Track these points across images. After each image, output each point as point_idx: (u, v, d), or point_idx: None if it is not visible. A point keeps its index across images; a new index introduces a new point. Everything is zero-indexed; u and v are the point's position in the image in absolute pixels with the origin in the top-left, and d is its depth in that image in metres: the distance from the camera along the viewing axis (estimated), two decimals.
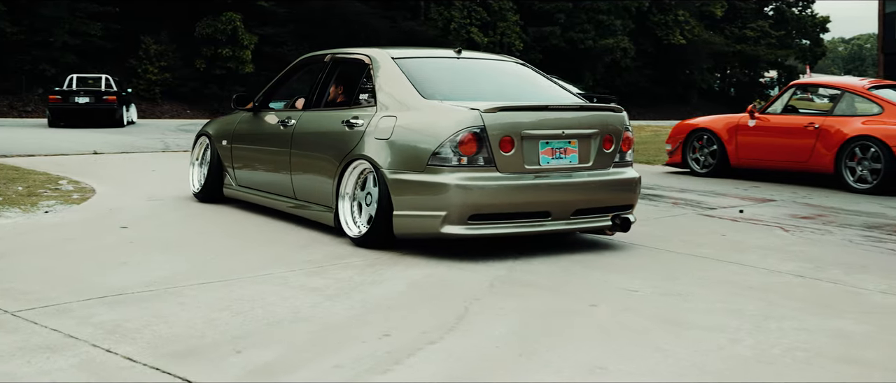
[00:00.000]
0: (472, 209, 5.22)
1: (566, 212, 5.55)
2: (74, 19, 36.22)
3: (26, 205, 6.87)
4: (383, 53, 6.15)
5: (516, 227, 5.41)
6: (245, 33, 40.27)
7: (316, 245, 5.58)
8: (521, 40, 51.65)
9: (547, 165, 5.50)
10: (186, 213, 6.94)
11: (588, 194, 5.68)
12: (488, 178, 5.26)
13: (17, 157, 11.27)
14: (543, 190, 5.45)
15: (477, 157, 5.26)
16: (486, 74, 6.43)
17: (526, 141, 5.40)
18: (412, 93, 5.68)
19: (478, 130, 5.24)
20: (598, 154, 5.73)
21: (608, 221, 5.75)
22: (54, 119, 22.80)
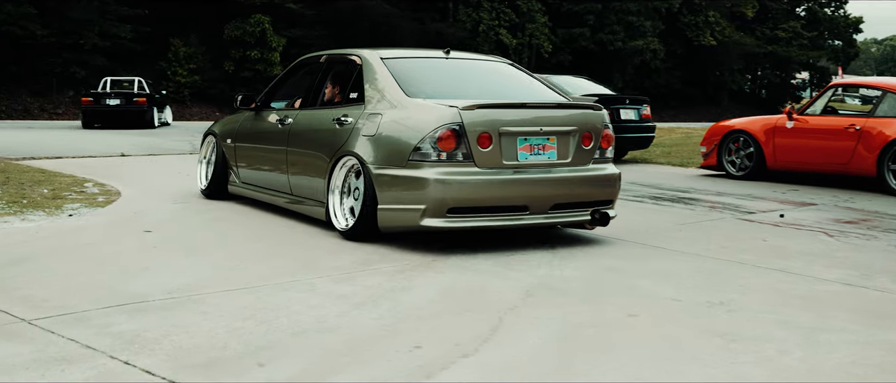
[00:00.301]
0: (451, 203, 5.41)
1: (544, 207, 5.74)
2: (104, 22, 36.42)
3: (51, 208, 6.77)
4: (373, 54, 6.40)
5: (495, 221, 5.59)
6: (273, 35, 40.33)
7: (344, 250, 5.42)
8: (549, 42, 51.38)
9: (525, 161, 5.68)
10: (212, 216, 6.81)
11: (566, 189, 5.84)
12: (466, 173, 5.47)
13: (45, 159, 11.22)
14: (521, 185, 5.64)
15: (456, 153, 5.46)
16: (472, 74, 6.64)
17: (504, 137, 5.59)
18: (397, 91, 5.91)
19: (456, 127, 5.44)
20: (577, 150, 5.90)
21: (588, 216, 5.91)
22: (88, 120, 23.41)
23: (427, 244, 5.69)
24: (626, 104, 13.04)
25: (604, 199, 6.04)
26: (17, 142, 14.76)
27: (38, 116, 33.40)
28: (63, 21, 35.54)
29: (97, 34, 35.62)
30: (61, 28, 35.26)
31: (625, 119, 12.91)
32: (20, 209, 6.65)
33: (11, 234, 5.70)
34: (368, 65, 6.28)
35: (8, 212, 6.52)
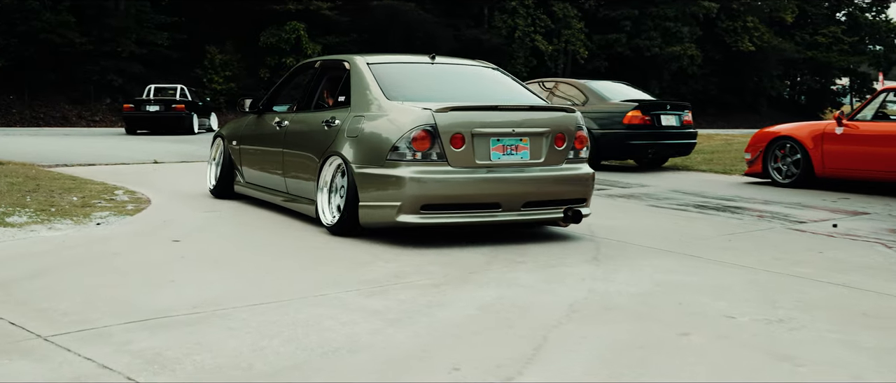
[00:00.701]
0: (424, 200, 5.72)
1: (516, 205, 6.00)
2: (141, 29, 36.62)
3: (79, 217, 6.61)
4: (361, 59, 6.73)
5: (467, 217, 5.90)
6: (309, 42, 40.32)
7: (377, 262, 5.19)
8: (585, 48, 50.98)
9: (498, 161, 5.95)
10: (243, 226, 6.61)
11: (538, 188, 6.10)
12: (440, 172, 5.77)
13: (77, 166, 11.13)
14: (493, 183, 5.91)
15: (430, 153, 5.76)
16: (455, 79, 6.96)
17: (477, 138, 5.86)
18: (379, 94, 6.24)
19: (429, 128, 5.74)
20: (550, 151, 6.16)
21: (561, 213, 6.16)
22: (130, 126, 24.59)
23: (465, 256, 5.45)
24: (667, 110, 12.71)
25: (577, 198, 6.30)
26: (51, 148, 14.73)
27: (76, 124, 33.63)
28: (101, 29, 35.79)
29: (134, 42, 35.82)
30: (99, 36, 35.51)
31: (666, 125, 12.59)
32: (48, 217, 6.50)
33: (36, 244, 5.54)
34: (355, 69, 6.61)
35: (35, 220, 6.36)
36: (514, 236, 6.29)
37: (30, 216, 6.52)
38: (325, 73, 7.32)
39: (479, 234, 6.31)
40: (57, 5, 34.92)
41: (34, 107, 34.36)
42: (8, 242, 5.56)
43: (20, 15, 33.69)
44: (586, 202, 6.39)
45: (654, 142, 12.52)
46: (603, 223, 7.01)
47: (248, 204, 7.73)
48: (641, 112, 12.23)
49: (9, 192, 7.75)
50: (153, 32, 36.99)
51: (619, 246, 5.98)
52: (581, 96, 12.90)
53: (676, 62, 53.42)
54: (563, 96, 13.16)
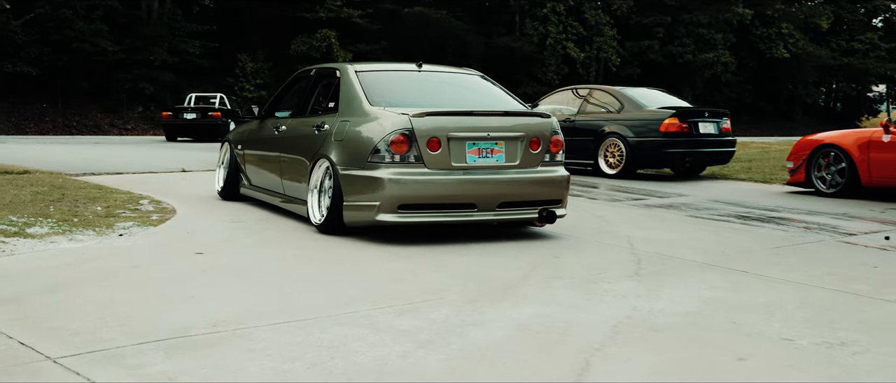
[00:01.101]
0: (401, 200, 6.02)
1: (491, 205, 6.29)
2: (173, 38, 36.75)
3: (101, 227, 6.43)
4: (350, 67, 7.07)
5: (443, 216, 6.19)
6: (340, 50, 40.27)
7: (410, 278, 4.94)
8: (617, 55, 50.57)
9: (474, 163, 6.25)
10: (269, 237, 6.40)
11: (513, 189, 6.38)
12: (416, 174, 6.07)
13: (105, 175, 11.00)
14: (469, 184, 6.20)
15: (408, 155, 6.08)
16: (439, 85, 7.23)
17: (452, 141, 6.18)
18: (362, 100, 6.57)
19: (407, 132, 6.07)
20: (525, 154, 6.45)
21: (535, 214, 6.46)
22: (170, 133, 25.82)
23: (500, 270, 5.20)
24: (705, 117, 12.38)
25: (552, 199, 6.58)
26: (82, 157, 14.65)
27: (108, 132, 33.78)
28: (133, 37, 35.96)
29: (166, 50, 35.95)
30: (131, 44, 35.68)
31: (704, 133, 12.26)
32: (70, 228, 6.33)
33: (56, 256, 5.35)
34: (345, 77, 6.95)
35: (57, 231, 6.19)
36: (551, 248, 6.02)
37: (51, 227, 6.34)
38: (319, 80, 7.67)
39: (513, 247, 6.06)
40: (90, 14, 35.12)
41: (67, 116, 34.55)
42: (26, 254, 5.38)
43: (53, 24, 33.92)
44: (562, 203, 6.67)
45: (692, 151, 12.20)
46: (642, 235, 6.73)
47: (275, 213, 7.53)
48: (679, 119, 11.92)
49: (32, 202, 7.60)
50: (185, 41, 37.10)
51: (661, 259, 5.70)
52: (616, 103, 12.60)
53: (710, 69, 52.85)
54: (598, 103, 12.88)
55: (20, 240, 5.77)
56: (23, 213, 6.88)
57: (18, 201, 7.59)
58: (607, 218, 7.79)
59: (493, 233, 6.76)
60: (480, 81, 7.43)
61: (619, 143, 12.18)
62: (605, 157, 12.40)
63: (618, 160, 12.22)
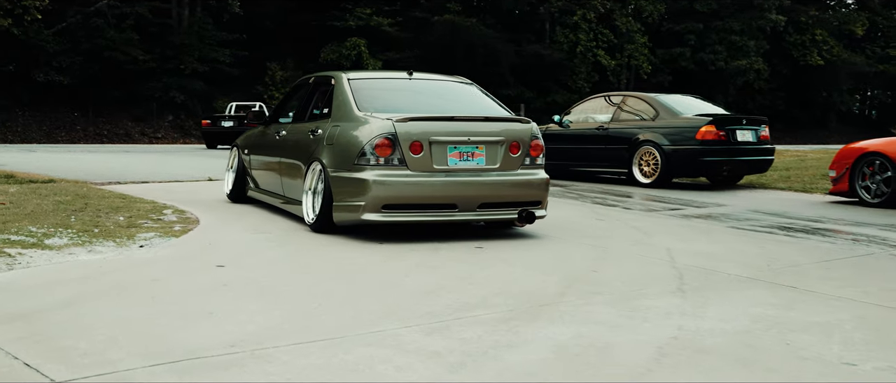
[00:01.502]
0: (384, 200, 6.35)
1: (472, 205, 6.60)
2: (203, 46, 36.82)
3: (122, 238, 6.24)
4: (343, 75, 7.37)
5: (425, 216, 6.53)
6: (369, 58, 40.19)
7: (440, 292, 4.69)
8: (648, 62, 50.14)
9: (455, 166, 6.56)
10: (293, 248, 6.17)
11: (493, 191, 6.68)
12: (400, 176, 6.39)
13: (131, 184, 10.86)
14: (449, 186, 6.50)
15: (391, 158, 6.40)
16: (426, 92, 7.51)
17: (434, 145, 6.49)
18: (352, 107, 6.89)
19: (390, 136, 6.40)
20: (505, 157, 6.75)
21: (515, 214, 6.78)
22: (210, 141, 27.01)
23: (535, 285, 4.94)
24: (742, 125, 12.04)
25: (532, 200, 6.88)
26: (109, 165, 14.55)
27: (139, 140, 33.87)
28: (164, 46, 36.08)
29: (196, 59, 36.03)
30: (162, 53, 35.80)
31: (741, 141, 11.92)
32: (89, 239, 6.14)
33: (72, 269, 5.15)
34: (338, 84, 7.28)
35: (76, 242, 6.00)
36: (588, 261, 5.75)
37: (71, 237, 6.16)
38: (317, 87, 7.93)
39: (547, 259, 5.79)
40: (121, 23, 35.27)
41: (98, 125, 34.68)
42: (43, 267, 5.19)
43: (85, 33, 34.10)
44: (541, 204, 6.97)
45: (729, 159, 11.86)
46: (682, 247, 6.44)
47: (300, 223, 7.31)
48: (715, 127, 11.59)
49: (54, 211, 7.43)
50: (215, 49, 37.18)
51: (704, 273, 5.40)
52: (651, 111, 12.30)
53: (742, 76, 52.27)
54: (632, 111, 12.58)
55: (37, 252, 5.58)
56: (43, 223, 6.71)
57: (40, 211, 7.43)
58: (645, 229, 7.50)
59: (525, 244, 6.50)
60: (468, 89, 7.75)
61: (654, 152, 11.87)
62: (639, 166, 12.09)
63: (653, 169, 11.91)
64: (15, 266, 5.16)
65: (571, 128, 13.34)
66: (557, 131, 13.52)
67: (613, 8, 49.36)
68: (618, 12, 49.64)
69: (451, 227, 7.32)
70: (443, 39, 43.65)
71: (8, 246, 5.72)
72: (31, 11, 30.84)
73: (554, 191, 11.16)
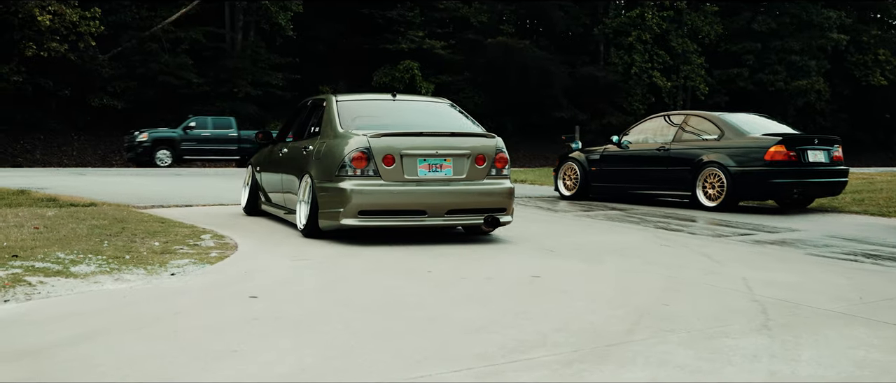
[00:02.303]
0: (360, 207, 7.09)
1: (440, 212, 7.30)
2: (256, 70, 36.87)
3: (154, 265, 5.84)
4: (333, 97, 8.17)
5: (397, 221, 7.25)
6: (422, 81, 39.93)
7: (493, 328, 4.18)
8: (705, 83, 49.19)
9: (424, 176, 7.29)
10: (335, 276, 5.71)
11: (460, 198, 7.38)
12: (374, 185, 7.14)
13: (173, 207, 10.53)
14: (419, 194, 7.22)
15: (367, 169, 7.16)
16: (406, 111, 8.17)
17: (405, 158, 7.23)
18: (336, 125, 7.68)
19: (365, 150, 7.16)
20: (471, 169, 7.45)
21: (481, 220, 7.46)
22: None
23: (599, 320, 4.41)
24: (814, 144, 11.36)
25: (497, 207, 7.56)
26: (154, 189, 14.30)
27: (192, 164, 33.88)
28: (218, 70, 36.19)
29: (249, 83, 36.05)
30: (216, 77, 35.90)
31: (813, 161, 11.23)
32: (119, 266, 5.76)
33: (94, 300, 4.75)
34: (328, 105, 8.06)
35: (104, 269, 5.62)
36: (657, 292, 5.20)
37: (100, 264, 5.78)
38: (314, 108, 8.64)
39: (611, 290, 5.26)
40: (175, 48, 35.46)
41: None
42: (63, 297, 4.80)
43: (140, 58, 34.32)
44: (506, 211, 7.62)
45: (801, 181, 11.17)
46: (759, 276, 5.85)
47: (347, 250, 6.87)
48: (785, 147, 10.93)
49: (87, 236, 7.08)
50: (268, 73, 37.20)
51: (790, 308, 4.82)
52: (715, 130, 11.68)
53: (803, 97, 51.03)
54: (695, 131, 11.97)
55: (60, 280, 5.20)
56: (73, 249, 6.34)
57: (73, 236, 7.09)
58: (715, 256, 6.91)
59: (585, 272, 5.97)
60: (446, 108, 8.48)
61: (719, 173, 11.24)
62: (703, 188, 11.47)
63: (718, 191, 11.28)
64: (33, 296, 4.78)
65: (631, 148, 12.76)
66: (615, 152, 12.95)
67: (669, 29, 48.55)
68: (673, 33, 48.80)
69: (509, 256, 6.84)
70: (495, 61, 43.23)
71: (30, 273, 5.35)
72: (86, 38, 31.08)
73: (613, 214, 10.61)
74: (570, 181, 13.57)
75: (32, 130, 32.83)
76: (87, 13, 31.01)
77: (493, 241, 7.66)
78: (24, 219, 8.21)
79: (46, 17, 28.68)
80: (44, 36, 30.14)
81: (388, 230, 7.68)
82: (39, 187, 13.66)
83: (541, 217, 10.30)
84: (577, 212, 10.92)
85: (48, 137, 33.05)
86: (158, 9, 36.50)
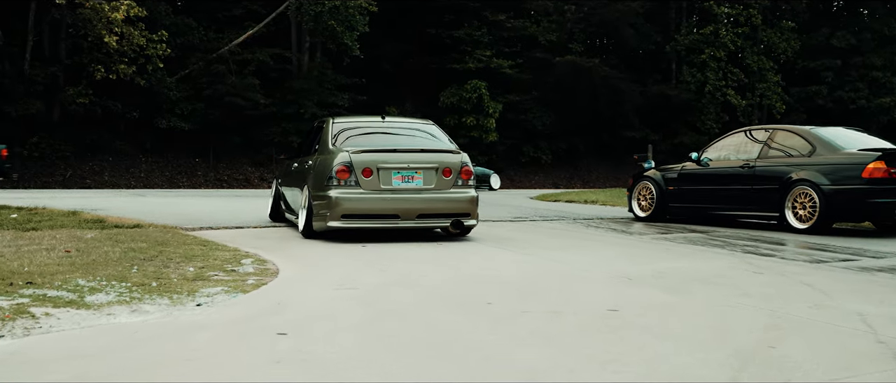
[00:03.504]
0: (343, 211, 8.47)
1: (411, 216, 8.63)
2: (323, 91, 36.64)
3: (181, 294, 5.21)
4: (330, 119, 9.66)
5: (375, 223, 8.62)
6: (490, 101, 39.31)
7: (562, 373, 3.41)
8: (782, 102, 47.63)
9: (398, 186, 8.63)
10: (377, 310, 4.98)
11: (428, 205, 8.66)
12: (355, 193, 8.52)
13: (223, 229, 9.97)
14: (393, 201, 8.57)
15: (349, 180, 8.51)
16: (392, 131, 9.51)
17: (381, 171, 8.59)
18: (328, 143, 9.04)
19: (347, 164, 8.53)
20: (439, 180, 8.78)
21: (448, 223, 8.74)
22: None
23: (694, 366, 3.60)
24: None
25: (461, 212, 8.85)
26: (210, 210, 13.82)
27: (258, 185, 33.70)
28: (284, 91, 36.05)
29: (315, 103, 35.81)
30: (282, 98, 35.76)
31: None
32: (142, 295, 5.13)
33: (98, 336, 4.11)
34: (325, 126, 9.50)
35: (123, 299, 4.99)
36: (760, 330, 4.36)
37: (120, 293, 5.16)
38: (319, 129, 9.87)
39: (702, 329, 4.44)
40: (242, 69, 35.42)
41: (218, 170, 34.75)
42: (66, 332, 4.17)
43: (207, 79, 34.33)
44: (470, 216, 8.94)
45: None
46: (880, 311, 4.97)
47: (405, 277, 6.16)
48: (886, 163, 9.93)
49: (119, 261, 6.50)
50: (334, 94, 36.95)
51: None
52: (805, 146, 10.71)
53: (886, 114, 48.98)
54: (782, 147, 11.01)
55: (70, 312, 4.58)
56: (97, 275, 5.75)
57: (103, 260, 6.51)
58: (819, 286, 6.02)
59: (670, 305, 5.16)
60: (429, 128, 9.77)
61: (810, 192, 10.28)
62: (793, 209, 10.50)
63: (809, 212, 10.31)
64: (33, 330, 4.16)
65: (711, 166, 11.85)
66: (694, 170, 12.05)
67: (744, 46, 47.16)
68: (748, 50, 47.41)
69: (580, 285, 6.06)
70: (564, 80, 42.39)
71: (39, 303, 4.75)
72: (154, 60, 31.12)
73: (694, 237, 9.73)
74: (646, 201, 12.70)
75: (101, 152, 32.98)
76: (155, 36, 31.07)
77: (561, 267, 6.88)
78: (60, 242, 7.69)
79: (113, 38, 28.73)
80: (112, 58, 30.25)
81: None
82: (93, 208, 13.27)
83: (615, 240, 9.48)
84: (654, 235, 10.07)
85: (116, 159, 33.15)
86: (226, 31, 36.53)
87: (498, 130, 39.97)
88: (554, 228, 11.05)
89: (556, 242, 9.08)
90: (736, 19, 46.78)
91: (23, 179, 29.84)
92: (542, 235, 9.95)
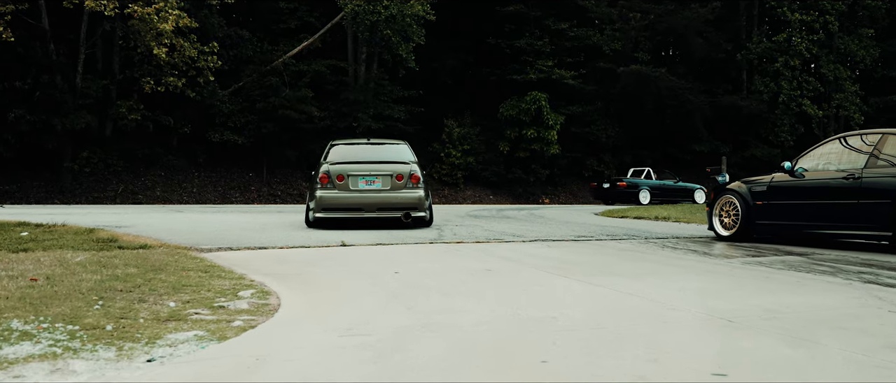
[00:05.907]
0: (324, 205, 12.24)
1: (372, 209, 12.30)
2: (378, 103, 35.59)
3: (137, 342, 3.93)
4: (332, 142, 13.82)
5: (346, 214, 12.30)
6: (550, 113, 37.84)
7: None
8: (860, 112, 45.26)
9: (362, 188, 12.33)
10: (390, 371, 3.62)
11: (385, 201, 12.33)
12: (332, 193, 12.26)
13: (244, 250, 8.73)
14: (358, 198, 12.27)
15: (329, 184, 12.27)
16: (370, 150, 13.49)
17: (350, 177, 12.33)
18: (323, 158, 13.11)
19: (327, 173, 12.33)
20: (393, 183, 12.40)
21: (400, 215, 12.39)
22: None
23: None
24: None
25: (410, 206, 12.43)
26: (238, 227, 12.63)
27: None
28: (339, 103, 35.08)
29: (371, 116, 34.75)
30: (337, 110, 34.80)
31: None
32: (83, 343, 3.86)
33: None
34: (327, 147, 13.58)
35: (52, 351, 3.73)
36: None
37: (55, 341, 3.90)
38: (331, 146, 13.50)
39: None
40: (296, 82, 34.54)
41: (271, 184, 33.86)
42: None
43: (260, 92, 33.50)
44: (417, 209, 12.44)
45: None
46: None
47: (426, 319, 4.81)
48: None
49: (87, 293, 5.26)
50: (390, 106, 35.89)
51: None
52: None
53: None
54: (890, 156, 9.39)
55: None
56: (45, 314, 4.50)
57: (67, 292, 5.26)
58: None
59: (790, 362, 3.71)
60: (399, 147, 13.66)
61: None
62: None
63: None
64: None
65: (807, 177, 10.28)
66: (787, 183, 10.49)
67: (819, 54, 44.97)
68: (824, 58, 45.19)
69: (669, 332, 4.61)
70: (628, 90, 40.73)
71: None
72: (206, 73, 30.34)
73: (792, 261, 8.20)
74: (729, 218, 11.17)
75: (153, 167, 32.28)
76: (206, 48, 30.30)
77: (639, 302, 5.43)
78: (39, 266, 6.51)
79: (162, 50, 27.96)
80: (162, 70, 29.53)
81: None
82: (119, 225, 12.19)
83: (698, 264, 7.98)
84: (743, 258, 8.55)
85: (169, 174, 32.43)
86: (280, 43, 35.71)
87: (559, 143, 38.46)
88: (624, 250, 9.56)
89: (628, 267, 7.61)
90: (810, 26, 44.64)
91: (73, 194, 29.20)
92: (611, 258, 8.49)
